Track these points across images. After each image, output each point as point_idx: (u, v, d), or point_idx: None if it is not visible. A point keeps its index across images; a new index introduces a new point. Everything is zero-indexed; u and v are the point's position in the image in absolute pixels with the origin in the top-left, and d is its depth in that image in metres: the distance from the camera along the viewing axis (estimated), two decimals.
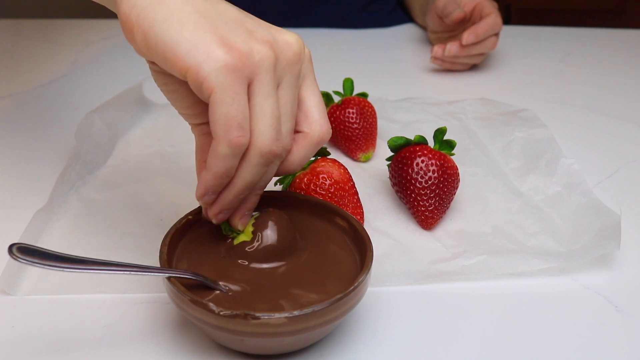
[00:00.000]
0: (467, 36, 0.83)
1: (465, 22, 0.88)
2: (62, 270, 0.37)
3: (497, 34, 0.86)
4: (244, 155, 0.39)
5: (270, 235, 0.44)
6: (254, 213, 0.45)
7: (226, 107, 0.37)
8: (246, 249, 0.44)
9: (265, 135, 0.38)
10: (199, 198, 0.41)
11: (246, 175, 0.40)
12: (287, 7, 1.02)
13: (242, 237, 0.44)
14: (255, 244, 0.44)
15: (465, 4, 0.87)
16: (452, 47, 0.84)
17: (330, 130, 0.43)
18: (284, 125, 0.40)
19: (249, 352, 0.42)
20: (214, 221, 0.43)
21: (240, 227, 0.44)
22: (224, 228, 0.45)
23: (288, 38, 0.40)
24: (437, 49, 0.86)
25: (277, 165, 0.41)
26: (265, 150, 0.39)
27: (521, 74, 0.89)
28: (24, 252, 0.37)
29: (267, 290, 0.43)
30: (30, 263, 0.36)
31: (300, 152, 0.42)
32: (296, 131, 0.42)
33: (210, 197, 0.41)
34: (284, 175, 0.43)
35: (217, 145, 0.38)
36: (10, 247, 0.36)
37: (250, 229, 0.44)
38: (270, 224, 0.44)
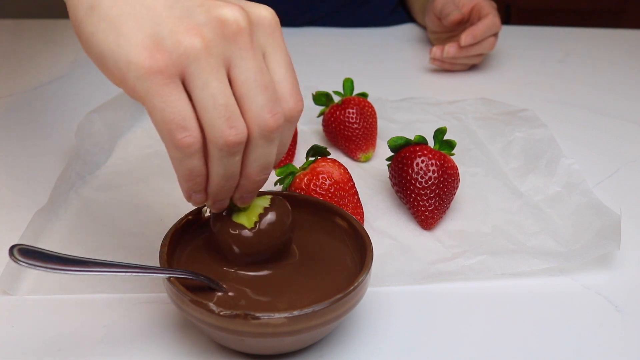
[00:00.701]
0: (465, 37, 0.83)
1: (464, 22, 0.88)
2: (63, 273, 0.37)
3: (495, 35, 0.86)
4: (207, 149, 0.37)
5: (268, 232, 0.43)
6: (263, 197, 0.44)
7: (160, 113, 0.35)
8: (241, 232, 0.43)
9: (214, 127, 0.36)
10: (188, 200, 0.40)
11: (217, 169, 0.38)
12: (286, 6, 1.02)
13: (243, 220, 0.43)
14: (250, 234, 0.43)
15: (464, 5, 0.87)
16: (450, 49, 0.84)
17: (302, 103, 0.39)
18: (253, 102, 0.36)
19: (249, 352, 0.42)
20: (215, 211, 0.42)
21: (239, 205, 0.42)
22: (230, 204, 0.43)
23: (227, 12, 0.36)
24: (436, 50, 0.86)
25: (258, 148, 0.38)
26: (220, 142, 0.36)
27: (521, 74, 0.89)
28: (25, 253, 0.36)
29: (267, 290, 0.43)
30: (31, 266, 0.36)
31: (254, 151, 0.39)
32: None
33: (197, 196, 0.40)
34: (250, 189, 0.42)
35: (168, 151, 0.37)
36: (11, 248, 0.36)
37: (254, 217, 0.43)
38: (275, 221, 0.43)
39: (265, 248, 0.43)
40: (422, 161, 0.54)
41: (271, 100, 0.37)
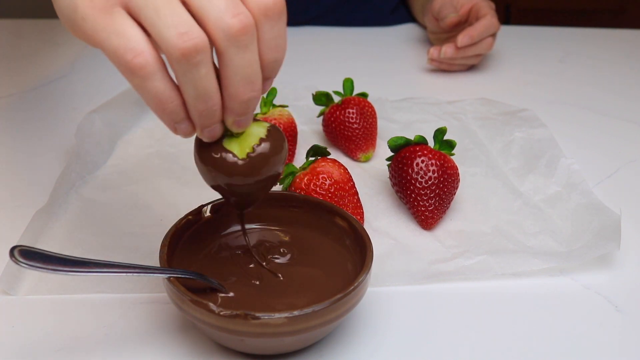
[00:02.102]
0: (462, 38, 0.83)
1: (462, 23, 0.88)
2: (64, 274, 0.37)
3: (493, 35, 0.86)
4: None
5: (260, 166, 0.40)
6: (260, 123, 0.41)
7: (108, 43, 0.34)
8: (229, 160, 0.39)
9: (164, 39, 0.34)
10: (174, 133, 0.38)
11: (186, 87, 0.36)
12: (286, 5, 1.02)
13: (234, 147, 0.39)
14: (241, 163, 0.39)
15: (462, 5, 0.87)
16: (447, 49, 0.84)
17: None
18: (210, 9, 0.34)
19: (249, 352, 0.42)
20: (207, 140, 0.39)
21: (234, 130, 0.39)
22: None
23: None
24: (433, 51, 0.86)
25: (232, 58, 0.35)
26: (175, 53, 0.34)
27: (521, 74, 0.89)
28: (25, 254, 0.36)
29: (267, 290, 0.43)
30: (31, 267, 0.36)
31: (262, 35, 0.36)
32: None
33: (180, 126, 0.37)
34: (266, 76, 0.38)
35: (128, 81, 0.36)
36: (12, 250, 0.36)
37: (247, 147, 0.39)
38: (269, 155, 0.40)
39: (252, 183, 0.40)
40: (422, 161, 0.54)
41: (231, 2, 0.35)
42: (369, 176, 0.63)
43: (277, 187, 0.55)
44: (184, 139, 0.39)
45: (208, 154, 0.40)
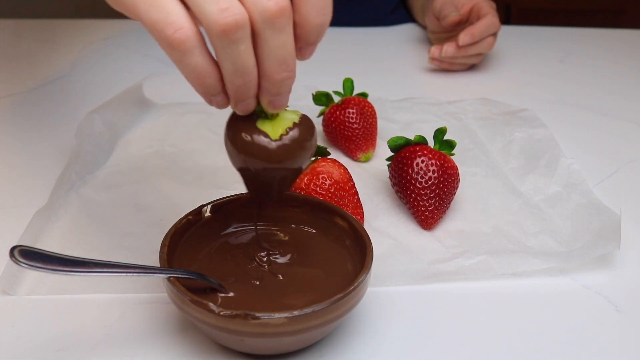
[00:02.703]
0: (463, 37, 0.83)
1: (463, 22, 0.88)
2: (64, 274, 0.37)
3: (494, 35, 0.86)
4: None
5: (291, 150, 0.39)
6: (294, 111, 0.41)
7: (147, 16, 0.35)
8: (262, 140, 0.39)
9: (205, 14, 0.34)
10: (210, 104, 0.38)
11: (224, 63, 0.36)
12: None
13: (267, 128, 0.39)
14: (273, 145, 0.39)
15: (463, 5, 0.87)
16: (448, 48, 0.84)
17: None
18: None
19: (249, 352, 0.42)
20: (239, 113, 0.39)
21: (269, 109, 0.39)
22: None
23: None
24: (434, 50, 0.86)
25: (267, 39, 0.35)
26: (215, 28, 0.34)
27: (521, 74, 0.89)
28: (26, 255, 0.36)
29: (267, 290, 0.43)
30: (31, 267, 0.36)
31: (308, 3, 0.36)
32: None
33: (216, 99, 0.38)
34: (311, 41, 0.38)
35: (168, 55, 0.36)
36: (12, 250, 0.36)
37: (281, 129, 0.39)
38: (301, 141, 0.39)
39: (280, 168, 0.40)
40: (422, 161, 0.54)
41: None
42: (369, 176, 0.63)
43: None
44: (183, 140, 0.38)
45: (240, 134, 0.39)
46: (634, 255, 0.53)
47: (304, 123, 0.40)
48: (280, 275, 0.45)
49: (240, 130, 0.39)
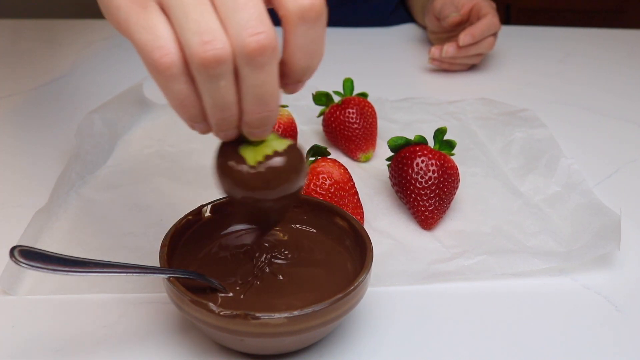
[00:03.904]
0: (464, 37, 0.83)
1: (463, 22, 0.88)
2: (64, 274, 0.37)
3: (494, 35, 0.86)
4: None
5: (268, 178, 0.38)
6: (284, 139, 0.39)
7: (137, 37, 0.34)
8: (237, 166, 0.38)
9: (188, 44, 0.33)
10: (192, 129, 0.38)
11: (205, 97, 0.35)
12: None
13: (248, 154, 0.38)
14: (248, 171, 0.38)
15: (463, 5, 0.87)
16: (449, 49, 0.84)
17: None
18: (232, 19, 0.33)
19: (249, 352, 0.42)
20: (221, 140, 0.39)
21: (250, 138, 0.38)
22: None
23: None
24: (435, 50, 0.86)
25: (246, 76, 0.34)
26: (196, 60, 0.33)
27: (521, 74, 0.89)
28: (25, 255, 0.36)
29: (267, 290, 0.43)
30: (31, 267, 0.36)
31: (295, 38, 0.35)
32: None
33: (199, 126, 0.37)
34: (296, 80, 0.37)
35: (153, 78, 0.35)
36: (12, 250, 0.36)
37: (260, 155, 0.38)
38: (280, 169, 0.38)
39: (258, 195, 0.39)
40: (422, 161, 0.54)
41: (254, 18, 0.33)
42: (369, 176, 0.63)
43: None
44: (183, 140, 0.38)
45: (220, 158, 0.39)
46: (634, 255, 0.53)
47: (289, 152, 0.39)
48: (280, 275, 0.45)
49: (221, 154, 0.39)
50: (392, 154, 0.57)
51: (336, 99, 0.67)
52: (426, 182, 0.54)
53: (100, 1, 0.37)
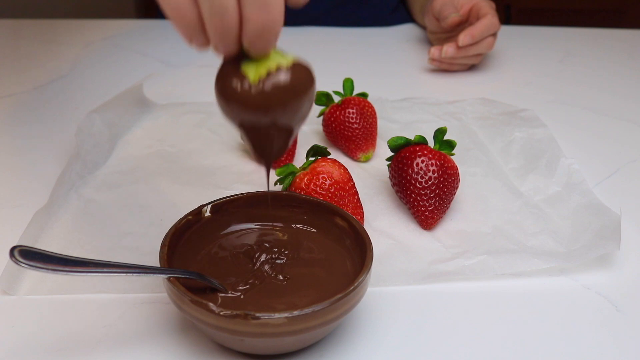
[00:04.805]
0: (463, 38, 0.83)
1: (463, 23, 0.88)
2: (64, 274, 0.37)
3: (494, 35, 0.86)
4: None
5: (271, 95, 0.35)
6: (288, 55, 0.37)
7: None
8: (238, 83, 0.35)
9: None
10: (190, 45, 0.36)
11: (202, 1, 0.34)
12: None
13: (250, 71, 0.36)
14: (248, 88, 0.35)
15: (462, 5, 0.87)
16: (448, 49, 0.84)
17: None
18: None
19: (249, 352, 0.42)
20: (220, 55, 0.36)
21: (251, 52, 0.36)
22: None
23: None
24: (434, 51, 0.86)
25: None
26: None
27: (521, 74, 0.89)
28: (25, 255, 0.36)
29: (267, 290, 0.43)
30: (31, 267, 0.36)
31: None
32: None
33: (197, 38, 0.36)
34: None
35: None
36: (12, 250, 0.36)
37: (263, 71, 0.35)
38: (284, 85, 0.35)
39: (261, 114, 0.36)
40: (422, 161, 0.54)
41: None
42: (369, 176, 0.63)
43: (278, 187, 0.55)
44: (183, 140, 0.38)
45: (220, 77, 0.37)
46: (634, 255, 0.53)
47: (295, 68, 0.36)
48: (280, 275, 0.45)
49: (222, 73, 0.37)
50: (392, 154, 0.57)
51: (336, 99, 0.67)
52: (426, 182, 0.54)
53: None
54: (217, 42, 0.36)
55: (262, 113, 0.36)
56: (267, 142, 0.39)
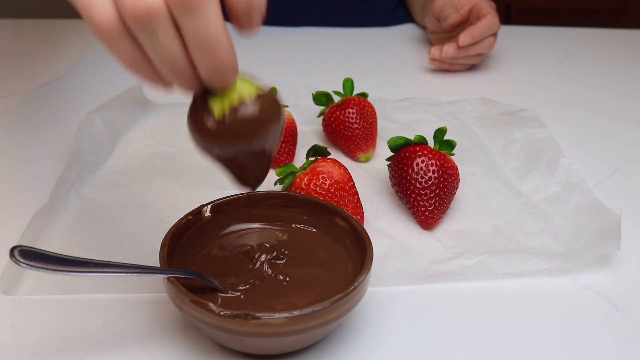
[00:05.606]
0: (464, 38, 0.83)
1: (463, 23, 0.88)
2: (64, 274, 0.37)
3: (494, 35, 0.86)
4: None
5: (235, 130, 0.35)
6: (254, 85, 0.37)
7: (79, 3, 0.34)
8: (202, 120, 0.36)
9: (122, 1, 0.33)
10: (155, 89, 0.37)
11: (149, 51, 0.34)
12: (287, 6, 1.02)
13: (216, 105, 0.36)
14: (213, 124, 0.36)
15: (462, 5, 0.87)
16: (449, 49, 0.85)
17: None
18: None
19: (249, 352, 0.42)
20: (183, 92, 0.37)
21: (213, 89, 0.36)
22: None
23: None
24: (435, 51, 0.86)
25: (183, 21, 0.33)
26: (129, 14, 0.32)
27: (521, 74, 0.89)
28: (26, 255, 0.36)
29: (267, 290, 0.43)
30: (31, 267, 0.36)
31: None
32: None
33: (159, 84, 0.36)
34: (245, 18, 0.35)
35: (98, 39, 0.34)
36: (12, 250, 0.36)
37: (227, 105, 0.36)
38: (247, 118, 0.36)
39: (228, 147, 0.37)
40: (422, 161, 0.54)
41: None
42: (369, 176, 0.63)
43: (277, 187, 0.55)
44: (183, 140, 0.38)
45: (191, 111, 0.37)
46: (634, 255, 0.53)
47: (259, 100, 0.36)
48: (280, 275, 0.45)
49: (191, 108, 0.37)
50: (392, 154, 0.57)
51: (336, 99, 0.67)
52: (426, 182, 0.54)
53: None
54: (177, 84, 0.36)
55: (229, 146, 0.37)
56: (242, 172, 0.40)
